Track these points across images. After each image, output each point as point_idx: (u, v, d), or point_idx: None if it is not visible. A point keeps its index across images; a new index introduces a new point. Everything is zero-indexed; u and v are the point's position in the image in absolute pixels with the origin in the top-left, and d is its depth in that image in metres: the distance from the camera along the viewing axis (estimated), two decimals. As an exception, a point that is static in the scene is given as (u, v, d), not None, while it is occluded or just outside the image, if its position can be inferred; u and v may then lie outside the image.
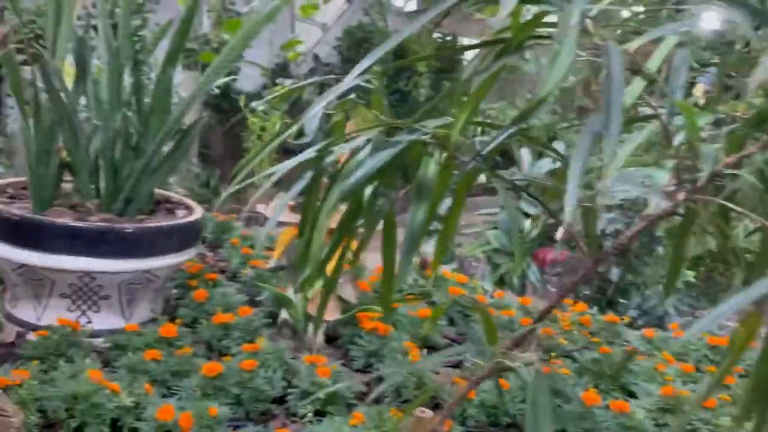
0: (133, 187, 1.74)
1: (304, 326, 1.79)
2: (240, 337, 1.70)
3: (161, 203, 1.98)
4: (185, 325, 1.79)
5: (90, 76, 1.78)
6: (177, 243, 1.74)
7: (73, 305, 1.68)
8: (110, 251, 1.61)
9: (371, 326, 1.75)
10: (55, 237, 1.56)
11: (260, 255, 2.41)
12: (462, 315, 2.14)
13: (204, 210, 1.99)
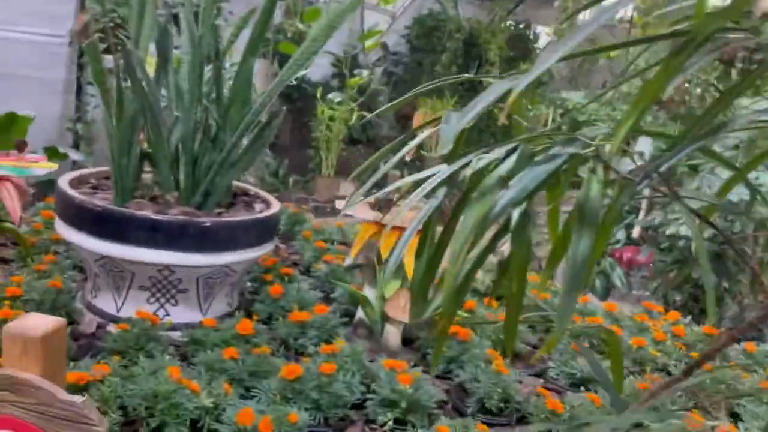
0: (212, 180, 1.71)
1: (380, 327, 1.73)
2: (316, 336, 1.65)
3: (239, 196, 1.96)
4: (261, 321, 1.76)
5: (171, 66, 1.76)
6: (255, 237, 1.71)
7: (152, 298, 1.67)
8: (190, 245, 1.58)
9: (451, 330, 1.67)
10: (136, 229, 1.55)
11: (334, 250, 2.37)
12: (544, 320, 2.04)
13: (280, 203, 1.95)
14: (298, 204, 5.80)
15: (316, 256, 2.34)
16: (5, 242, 2.20)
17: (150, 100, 1.59)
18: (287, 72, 1.63)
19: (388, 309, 1.68)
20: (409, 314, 1.68)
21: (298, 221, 2.77)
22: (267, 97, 1.64)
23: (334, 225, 2.78)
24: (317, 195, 6.10)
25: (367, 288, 1.78)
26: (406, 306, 1.67)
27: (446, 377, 1.62)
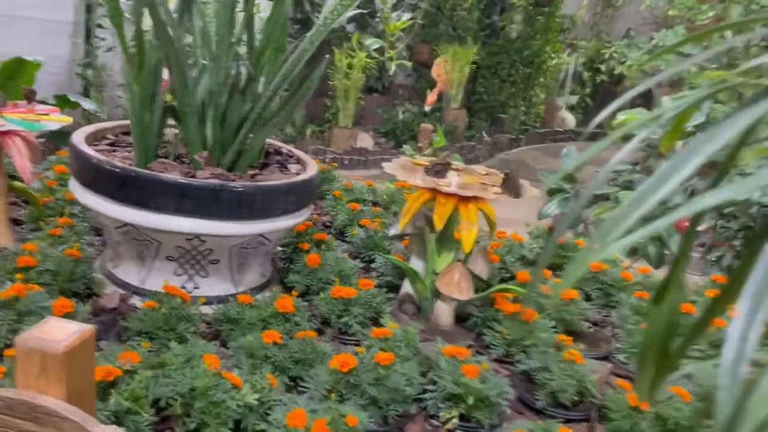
0: (244, 137, 1.52)
1: (431, 304, 1.57)
2: (361, 314, 1.49)
3: (271, 155, 1.77)
4: (299, 295, 1.60)
5: (197, 6, 1.55)
6: (293, 203, 1.53)
7: (180, 269, 1.51)
8: (223, 212, 1.41)
9: (511, 309, 1.50)
10: (162, 195, 1.37)
11: (368, 212, 2.19)
12: (602, 293, 1.87)
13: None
14: (316, 155, 5.61)
15: (350, 218, 2.16)
16: (16, 200, 2.04)
17: (176, 47, 1.38)
18: (332, 15, 1.41)
19: (439, 284, 1.51)
20: (466, 292, 1.52)
21: (326, 179, 2.58)
22: (308, 44, 1.43)
23: (364, 183, 2.60)
24: (334, 146, 5.89)
25: (414, 260, 1.61)
26: (460, 282, 1.50)
27: (506, 362, 1.46)
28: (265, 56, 1.58)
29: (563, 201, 2.43)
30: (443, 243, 1.54)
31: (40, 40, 4.27)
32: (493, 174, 1.64)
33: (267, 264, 1.68)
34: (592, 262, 1.43)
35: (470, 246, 1.46)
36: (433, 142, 2.91)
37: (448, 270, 1.53)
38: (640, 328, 1.58)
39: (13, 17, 4.30)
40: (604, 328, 1.77)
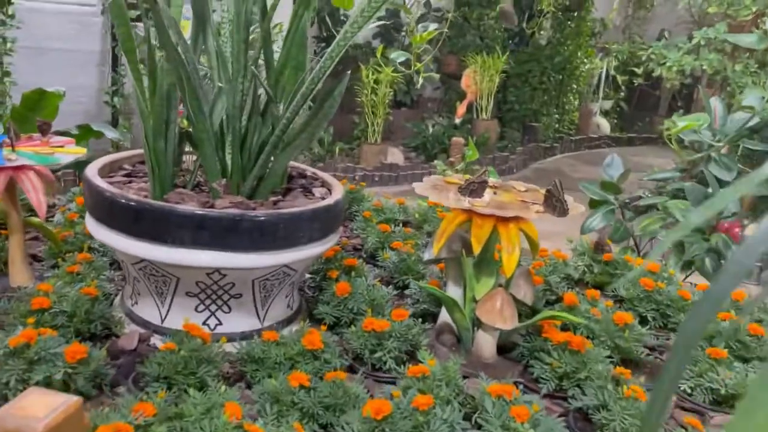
0: (264, 162, 1.43)
1: (471, 334, 1.44)
2: (396, 348, 1.37)
3: (294, 178, 1.67)
4: (328, 327, 1.49)
5: (211, 28, 1.47)
6: (319, 230, 1.42)
7: (201, 305, 1.41)
8: (243, 243, 1.31)
9: (561, 338, 1.37)
10: (179, 228, 1.28)
11: (400, 234, 2.08)
12: (659, 314, 1.72)
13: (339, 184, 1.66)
14: (345, 173, 5.53)
15: (381, 241, 2.05)
16: (37, 235, 1.98)
17: (188, 70, 1.30)
18: (352, 28, 1.31)
19: (480, 313, 1.39)
20: (510, 321, 1.39)
21: (355, 199, 2.48)
22: (328, 60, 1.33)
23: (395, 201, 2.49)
24: (364, 163, 5.81)
25: (451, 286, 1.49)
26: (503, 309, 1.38)
27: (559, 396, 1.33)
28: (285, 75, 1.49)
29: (608, 213, 2.28)
30: (482, 267, 1.42)
31: (67, 69, 4.30)
32: (533, 190, 1.51)
33: (294, 294, 1.58)
34: (644, 280, 1.30)
35: (512, 270, 1.34)
36: (466, 156, 2.79)
37: (489, 297, 1.40)
38: (704, 355, 1.43)
39: (40, 49, 4.33)
40: (664, 354, 1.62)
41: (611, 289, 1.91)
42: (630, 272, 1.89)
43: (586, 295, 1.71)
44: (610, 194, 2.28)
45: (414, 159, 6.35)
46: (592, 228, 2.24)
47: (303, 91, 1.37)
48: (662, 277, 1.85)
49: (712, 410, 1.35)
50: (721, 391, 1.35)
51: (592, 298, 1.70)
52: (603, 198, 2.28)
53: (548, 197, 1.29)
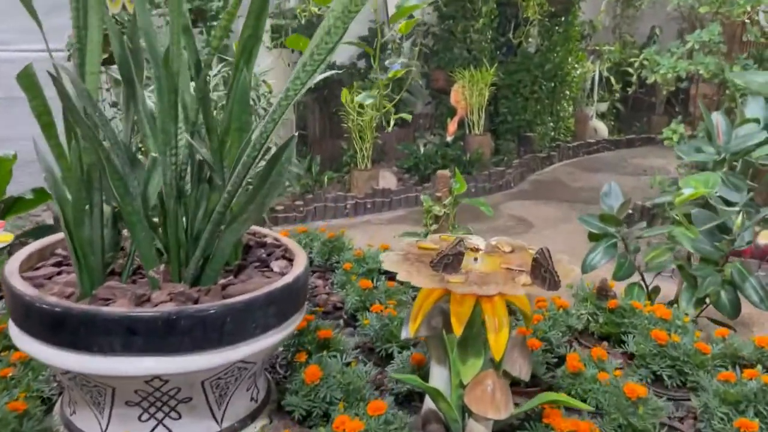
0: (208, 241, 1.24)
1: (461, 426, 1.24)
2: (375, 450, 1.17)
3: (252, 249, 1.48)
4: (298, 421, 1.30)
5: (142, 90, 1.29)
6: (276, 315, 1.23)
7: (145, 414, 1.22)
8: (185, 344, 1.12)
9: (565, 427, 1.17)
10: (106, 334, 1.10)
11: (382, 292, 1.88)
12: (675, 371, 1.52)
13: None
14: (336, 203, 5.34)
15: (362, 300, 1.85)
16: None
17: (105, 149, 1.11)
18: (294, 85, 1.13)
19: (469, 401, 1.19)
20: (504, 408, 1.19)
21: (335, 248, 2.29)
22: (270, 123, 1.15)
23: (378, 248, 2.29)
24: (355, 190, 5.62)
25: (435, 366, 1.29)
26: (495, 394, 1.18)
27: (566, 500, 1.13)
28: (228, 140, 1.30)
29: (609, 248, 2.09)
30: (468, 345, 1.22)
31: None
32: (520, 249, 1.31)
33: (258, 384, 1.39)
34: (656, 332, 1.09)
35: (501, 353, 1.14)
36: (453, 190, 2.59)
37: (478, 381, 1.20)
38: (733, 428, 1.23)
39: (12, 99, 4.17)
40: (683, 421, 1.42)
41: (619, 342, 1.71)
42: (639, 319, 1.69)
43: (591, 355, 1.51)
44: (611, 227, 2.08)
45: (407, 181, 6.17)
46: (594, 266, 2.04)
47: (244, 160, 1.18)
48: (676, 325, 1.65)
49: (748, 500, 1.15)
50: (758, 476, 1.14)
51: (599, 359, 1.50)
52: (603, 231, 2.08)
53: (536, 267, 1.10)
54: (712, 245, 1.96)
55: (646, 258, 2.12)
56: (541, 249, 1.09)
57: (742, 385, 1.35)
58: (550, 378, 1.50)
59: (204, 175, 1.35)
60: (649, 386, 1.52)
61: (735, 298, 1.97)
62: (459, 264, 1.14)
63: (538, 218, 5.62)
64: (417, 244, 1.30)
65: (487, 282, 1.11)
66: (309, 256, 2.33)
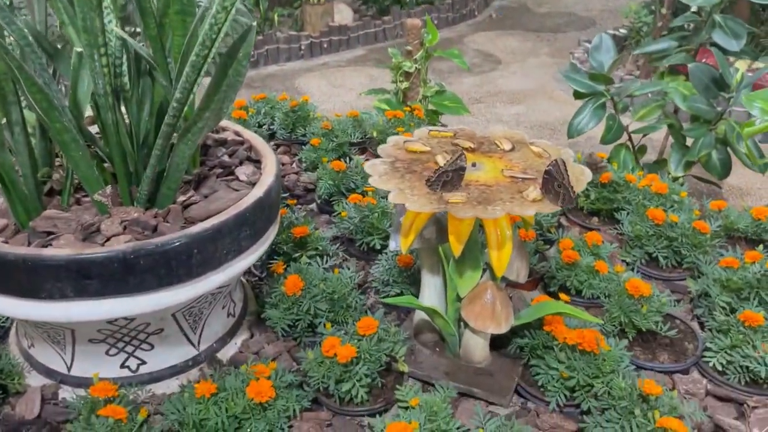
0: (158, 159, 1.04)
1: (457, 339, 1.17)
2: (367, 373, 1.09)
3: (209, 150, 1.29)
4: (282, 333, 1.22)
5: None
6: (250, 236, 1.09)
7: (113, 348, 1.10)
8: (147, 282, 0.98)
9: (569, 336, 1.10)
10: (56, 280, 0.94)
11: (357, 177, 1.73)
12: (672, 251, 1.45)
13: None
14: (290, 44, 4.95)
15: (336, 184, 1.70)
16: None
17: (15, 58, 0.87)
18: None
19: (467, 316, 1.10)
20: (505, 321, 1.11)
21: (299, 119, 2.08)
22: (221, 11, 0.91)
23: (346, 115, 2.09)
24: (309, 28, 5.20)
25: (427, 275, 1.18)
26: (495, 308, 1.09)
27: (570, 405, 1.09)
28: (166, 26, 1.06)
29: (598, 109, 1.94)
30: (465, 258, 1.11)
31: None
32: (520, 144, 1.16)
33: (234, 297, 1.27)
34: (653, 212, 0.96)
35: (504, 269, 1.03)
36: (425, 41, 2.35)
37: (477, 294, 1.11)
38: (736, 321, 1.19)
39: None
40: (679, 303, 1.38)
41: (610, 216, 1.63)
42: (632, 194, 1.59)
43: (586, 241, 1.43)
44: (601, 85, 1.91)
45: (365, 13, 5.73)
46: (582, 129, 1.90)
47: (193, 60, 0.95)
48: (671, 200, 1.56)
49: (748, 395, 1.13)
50: (761, 372, 1.12)
51: (594, 244, 1.42)
52: (591, 90, 1.92)
53: (548, 181, 0.95)
54: (708, 103, 1.83)
55: (635, 116, 1.99)
56: (555, 161, 0.94)
57: (744, 270, 1.29)
58: (542, 267, 1.42)
59: (144, 67, 1.12)
60: (643, 267, 1.47)
61: (726, 158, 1.88)
62: (460, 181, 0.98)
63: (504, 52, 5.36)
64: (405, 147, 1.12)
65: (491, 199, 0.97)
66: (271, 128, 2.13)
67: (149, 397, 1.13)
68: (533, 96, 4.29)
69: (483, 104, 4.16)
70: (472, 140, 1.16)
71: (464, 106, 2.39)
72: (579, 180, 1.03)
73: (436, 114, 2.47)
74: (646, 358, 1.21)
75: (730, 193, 2.62)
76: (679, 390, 1.15)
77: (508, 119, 3.88)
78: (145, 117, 1.14)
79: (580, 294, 1.35)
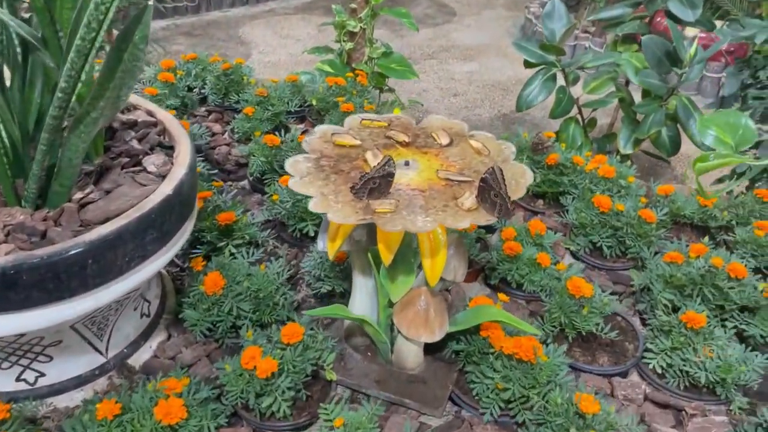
0: (44, 155, 0.91)
1: (390, 346, 1.09)
2: (291, 386, 1.01)
3: (116, 134, 1.15)
4: (202, 336, 1.12)
5: None
6: (158, 239, 0.97)
7: (5, 362, 0.99)
8: (34, 298, 0.86)
9: (505, 346, 1.04)
10: None
11: (295, 148, 1.61)
12: (617, 240, 1.40)
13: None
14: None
15: (269, 161, 1.58)
16: None
17: None
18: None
19: (400, 323, 1.03)
20: (439, 329, 1.04)
21: (232, 84, 1.93)
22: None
23: (284, 80, 1.95)
24: None
25: (358, 276, 1.10)
26: (429, 314, 1.02)
27: (505, 419, 1.03)
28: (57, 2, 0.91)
29: (548, 81, 1.85)
30: (397, 261, 1.02)
31: None
32: (460, 139, 1.06)
33: (148, 295, 1.17)
34: (599, 199, 0.90)
35: (438, 278, 0.95)
36: (371, 0, 2.20)
37: (410, 299, 1.03)
38: (679, 323, 1.14)
39: None
40: (621, 298, 1.33)
41: (555, 200, 1.56)
42: (579, 178, 1.53)
43: (529, 229, 1.36)
44: (551, 55, 1.81)
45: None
46: (531, 102, 1.81)
47: (78, 44, 0.81)
48: (619, 185, 1.50)
49: (688, 400, 1.10)
50: (700, 378, 1.08)
51: (537, 233, 1.35)
52: (542, 61, 1.82)
53: (484, 190, 0.86)
54: (660, 78, 1.76)
55: (586, 88, 1.91)
56: (492, 168, 0.85)
57: (688, 266, 1.25)
58: (483, 258, 1.35)
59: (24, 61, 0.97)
60: (587, 256, 1.42)
61: (676, 135, 1.83)
62: (388, 188, 0.88)
63: (460, 3, 5.18)
64: (333, 140, 1.01)
65: (423, 207, 0.88)
66: (202, 92, 1.98)
67: (51, 412, 1.03)
68: (487, 52, 4.17)
69: (435, 60, 4.03)
70: (407, 132, 1.06)
71: (412, 70, 2.27)
72: (519, 183, 0.94)
73: (382, 77, 2.34)
74: (586, 360, 1.16)
75: (678, 161, 2.60)
76: (617, 396, 1.11)
77: (461, 78, 3.76)
78: (37, 98, 1.00)
79: (521, 288, 1.29)
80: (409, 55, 4.05)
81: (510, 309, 1.28)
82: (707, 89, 3.48)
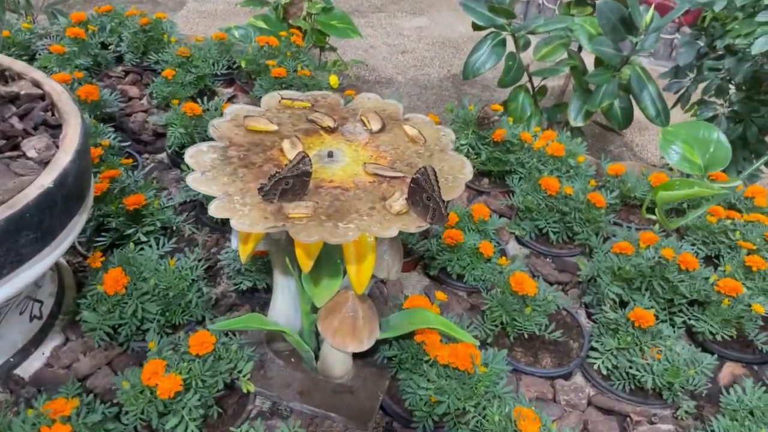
0: None
1: (313, 355, 0.98)
2: (199, 405, 0.89)
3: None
4: (101, 341, 0.99)
5: None
6: (36, 239, 0.83)
7: None
8: None
9: (440, 354, 0.94)
10: None
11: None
12: (564, 226, 1.32)
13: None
14: None
15: (188, 133, 1.42)
16: None
17: None
18: None
19: (324, 331, 0.92)
20: (368, 337, 0.93)
21: (151, 41, 1.74)
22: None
23: (211, 38, 1.77)
24: None
25: (279, 277, 0.98)
26: (356, 321, 0.91)
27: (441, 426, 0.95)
28: None
29: (497, 46, 1.73)
30: (321, 263, 0.90)
31: None
32: (393, 125, 0.93)
33: (40, 294, 1.02)
34: (546, 181, 0.81)
35: (365, 286, 0.84)
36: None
37: (336, 305, 0.92)
38: (626, 321, 1.07)
39: None
40: (567, 289, 1.26)
41: (501, 178, 1.46)
42: (527, 156, 1.43)
43: (472, 215, 1.26)
44: (501, 18, 1.68)
45: None
46: (478, 69, 1.69)
47: None
48: (568, 164, 1.40)
49: (633, 404, 1.03)
50: (647, 381, 1.02)
51: (481, 219, 1.25)
52: (491, 24, 1.69)
53: (415, 192, 0.75)
54: (615, 46, 1.65)
55: (537, 55, 1.80)
56: (424, 167, 0.73)
57: (638, 257, 1.17)
58: (422, 246, 1.25)
59: None
60: (533, 243, 1.33)
61: (628, 107, 1.75)
62: (304, 189, 0.75)
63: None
64: (246, 124, 0.87)
65: (345, 211, 0.75)
66: (118, 49, 1.78)
67: None
68: (438, 5, 3.99)
69: (383, 14, 3.83)
70: (333, 114, 0.92)
71: (354, 28, 2.11)
72: (457, 179, 0.83)
73: (322, 35, 2.17)
74: (528, 361, 1.08)
75: (628, 128, 2.53)
76: (559, 402, 1.04)
77: (410, 34, 3.59)
78: None
79: (462, 279, 1.19)
80: (356, 8, 3.84)
81: (450, 303, 1.18)
82: (659, 51, 3.41)
